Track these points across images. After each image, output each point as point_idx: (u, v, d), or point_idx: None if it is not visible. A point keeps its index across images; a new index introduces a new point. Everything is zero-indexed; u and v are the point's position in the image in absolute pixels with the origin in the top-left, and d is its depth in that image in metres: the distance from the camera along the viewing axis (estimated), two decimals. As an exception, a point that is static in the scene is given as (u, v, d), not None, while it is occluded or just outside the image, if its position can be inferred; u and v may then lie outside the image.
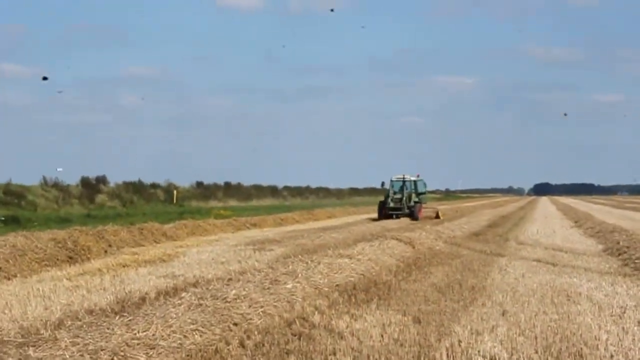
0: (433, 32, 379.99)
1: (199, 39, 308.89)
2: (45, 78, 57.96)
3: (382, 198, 56.85)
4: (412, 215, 53.07)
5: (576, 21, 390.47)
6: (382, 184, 57.48)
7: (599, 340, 12.13)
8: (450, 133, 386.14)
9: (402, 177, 55.33)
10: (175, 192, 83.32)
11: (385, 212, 54.09)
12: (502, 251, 27.71)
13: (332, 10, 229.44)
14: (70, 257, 24.48)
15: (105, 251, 27.31)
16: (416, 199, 55.22)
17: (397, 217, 53.50)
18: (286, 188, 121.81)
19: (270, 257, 24.66)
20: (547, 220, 56.06)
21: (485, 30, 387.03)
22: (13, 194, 62.89)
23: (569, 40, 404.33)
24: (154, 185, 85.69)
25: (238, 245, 30.67)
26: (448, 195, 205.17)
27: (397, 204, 54.19)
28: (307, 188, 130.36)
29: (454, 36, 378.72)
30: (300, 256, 21.68)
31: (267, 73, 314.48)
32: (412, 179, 55.79)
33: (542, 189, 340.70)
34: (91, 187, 75.49)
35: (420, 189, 56.44)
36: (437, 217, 55.05)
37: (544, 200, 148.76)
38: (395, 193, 54.77)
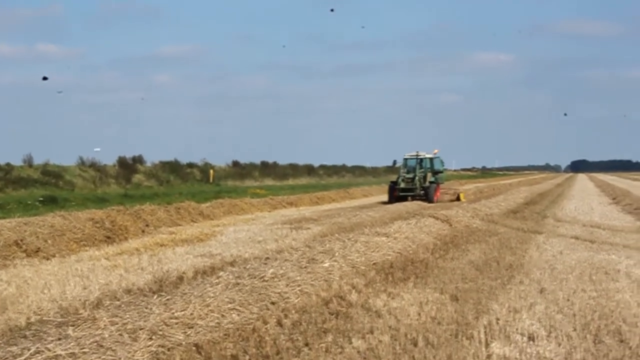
0: (470, 8, 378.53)
1: (233, 16, 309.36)
2: (45, 78, 58.29)
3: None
4: (427, 197, 47.50)
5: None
6: (394, 162, 52.20)
7: (638, 317, 12.06)
8: (487, 110, 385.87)
9: (415, 154, 49.76)
10: (211, 171, 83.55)
11: (395, 195, 48.09)
12: (540, 228, 27.55)
13: (332, 10, 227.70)
14: (108, 237, 24.63)
15: (143, 231, 27.44)
16: (432, 179, 49.22)
17: (413, 199, 47.55)
18: (322, 167, 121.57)
19: (307, 236, 24.68)
20: (585, 197, 55.73)
21: (523, 6, 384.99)
22: (51, 174, 63.31)
23: (606, 15, 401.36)
24: (190, 165, 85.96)
25: (275, 224, 30.72)
26: (484, 173, 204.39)
27: (409, 184, 48.30)
28: (343, 166, 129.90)
29: (491, 13, 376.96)
30: (337, 235, 21.65)
31: (303, 51, 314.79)
32: (428, 156, 49.95)
33: (579, 166, 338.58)
34: (128, 166, 75.86)
35: (438, 167, 50.57)
36: (458, 199, 50.00)
37: (582, 177, 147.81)
38: (408, 172, 48.98)
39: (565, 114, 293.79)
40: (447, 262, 18.55)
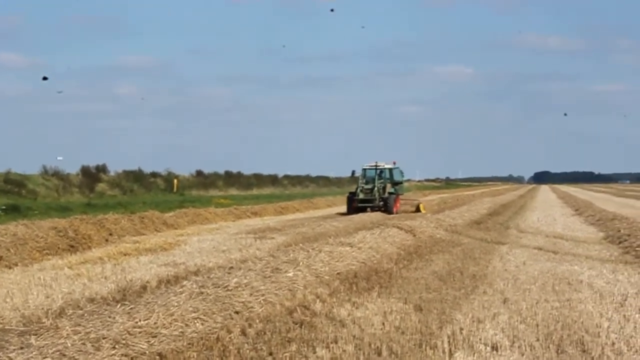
0: (432, 22, 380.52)
1: (197, 28, 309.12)
2: (45, 78, 57.51)
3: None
4: (387, 208, 46.40)
5: (575, 11, 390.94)
6: (353, 172, 51.27)
7: (600, 327, 12.12)
8: (451, 122, 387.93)
9: (374, 164, 48.76)
10: (175, 180, 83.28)
11: (354, 206, 47.04)
12: (503, 239, 27.68)
13: (332, 10, 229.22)
14: (72, 246, 24.47)
15: (106, 240, 27.29)
16: (392, 190, 48.60)
17: (372, 210, 46.61)
18: (286, 177, 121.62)
19: (271, 246, 24.66)
20: (548, 208, 56.03)
21: (485, 20, 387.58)
22: (13, 183, 62.85)
23: (568, 30, 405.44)
24: (154, 174, 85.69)
25: (239, 233, 30.67)
26: (448, 184, 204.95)
27: (368, 195, 47.35)
28: (307, 177, 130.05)
29: (453, 26, 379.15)
30: (301, 244, 21.67)
31: (266, 62, 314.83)
32: (387, 166, 49.02)
33: (542, 177, 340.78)
34: (91, 175, 75.46)
35: (397, 177, 49.77)
36: (418, 210, 49.22)
37: (544, 189, 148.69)
38: (367, 183, 48.04)
39: (565, 114, 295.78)
40: (411, 272, 18.60)
